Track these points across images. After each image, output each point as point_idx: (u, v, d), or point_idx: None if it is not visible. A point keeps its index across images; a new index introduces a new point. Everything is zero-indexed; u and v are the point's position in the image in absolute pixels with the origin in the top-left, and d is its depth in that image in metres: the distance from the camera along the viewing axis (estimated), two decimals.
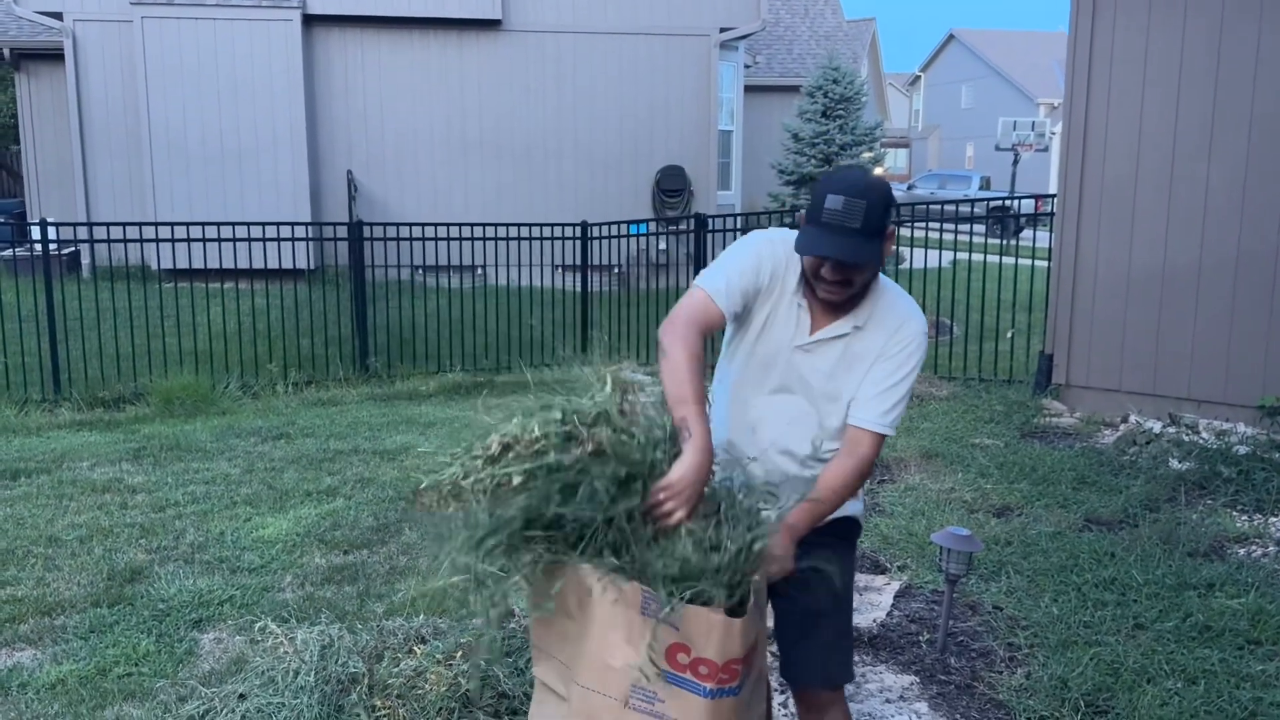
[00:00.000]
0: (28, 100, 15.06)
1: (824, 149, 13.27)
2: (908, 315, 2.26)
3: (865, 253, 2.12)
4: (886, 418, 2.23)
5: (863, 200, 2.10)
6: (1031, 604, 3.84)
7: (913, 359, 2.24)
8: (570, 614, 1.98)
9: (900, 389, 2.24)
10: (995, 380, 7.82)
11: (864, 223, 2.10)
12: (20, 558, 4.46)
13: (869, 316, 2.25)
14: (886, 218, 2.16)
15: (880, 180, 2.19)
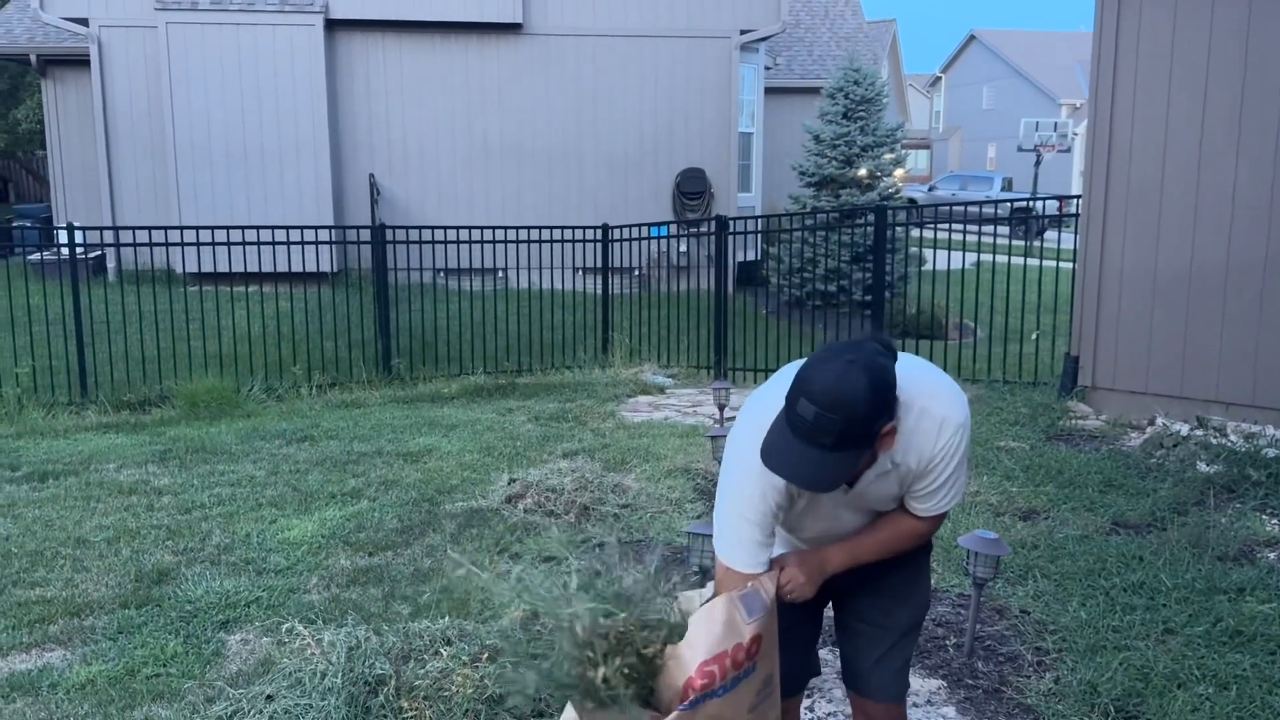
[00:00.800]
0: (54, 105, 15.22)
1: (845, 150, 13.21)
2: (944, 419, 2.05)
3: (835, 476, 1.92)
4: (944, 502, 2.18)
5: (835, 416, 1.87)
6: (1059, 608, 3.81)
7: (960, 453, 2.10)
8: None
9: (955, 480, 2.15)
10: (1020, 382, 7.77)
11: (836, 441, 1.89)
12: (49, 559, 4.50)
13: (904, 449, 2.07)
14: (873, 425, 1.92)
15: (875, 384, 1.90)
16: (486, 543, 4.58)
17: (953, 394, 2.10)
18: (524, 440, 6.52)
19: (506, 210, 13.71)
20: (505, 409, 7.64)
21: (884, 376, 1.93)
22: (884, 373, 1.93)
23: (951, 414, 2.07)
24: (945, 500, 2.17)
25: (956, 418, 2.07)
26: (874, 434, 1.93)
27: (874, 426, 1.92)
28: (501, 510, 4.98)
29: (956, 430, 2.07)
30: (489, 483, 5.46)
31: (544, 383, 8.75)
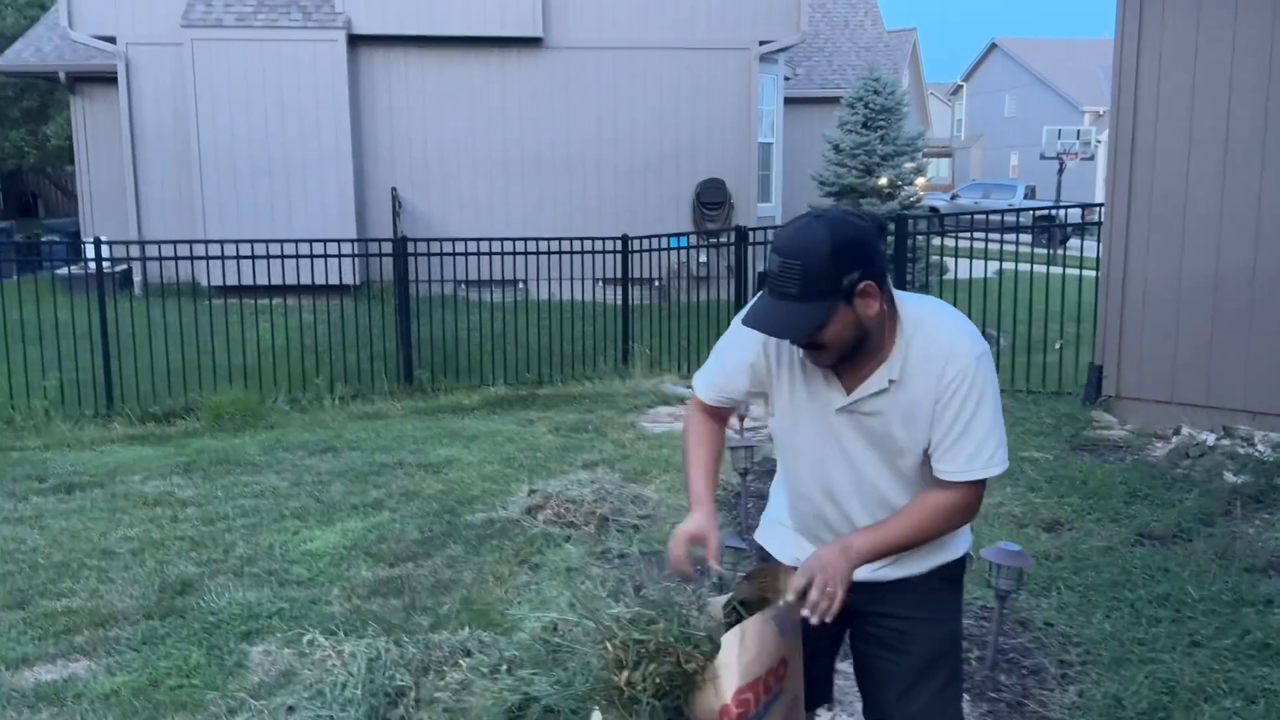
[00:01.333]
0: (82, 122, 15.43)
1: (865, 159, 13.19)
2: (951, 349, 1.96)
3: (802, 324, 1.88)
4: (974, 463, 1.98)
5: (796, 261, 1.86)
6: (1083, 620, 3.78)
7: (975, 391, 1.94)
8: None
9: (977, 428, 1.96)
10: (1044, 392, 7.71)
11: (801, 288, 1.86)
12: (75, 570, 4.54)
13: (902, 366, 1.98)
14: (840, 276, 1.86)
15: (834, 225, 1.89)
16: (506, 554, 4.58)
17: (965, 328, 2.00)
18: (544, 451, 6.53)
19: (527, 222, 13.76)
20: (526, 420, 7.65)
21: (848, 227, 1.90)
22: (848, 224, 1.90)
23: (962, 347, 1.96)
24: (972, 459, 1.96)
25: (968, 352, 1.95)
26: (842, 286, 1.87)
27: (841, 276, 1.86)
28: (522, 521, 4.99)
29: (969, 364, 1.94)
30: (509, 494, 5.47)
31: (564, 393, 8.76)
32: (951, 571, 2.21)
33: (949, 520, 2.04)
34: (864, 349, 1.97)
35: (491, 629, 3.62)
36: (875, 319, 1.93)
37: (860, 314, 1.91)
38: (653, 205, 14.33)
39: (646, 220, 13.47)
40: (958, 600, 2.26)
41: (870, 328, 1.93)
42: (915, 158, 13.67)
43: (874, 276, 1.90)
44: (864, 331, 1.93)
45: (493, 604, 4.00)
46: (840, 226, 1.89)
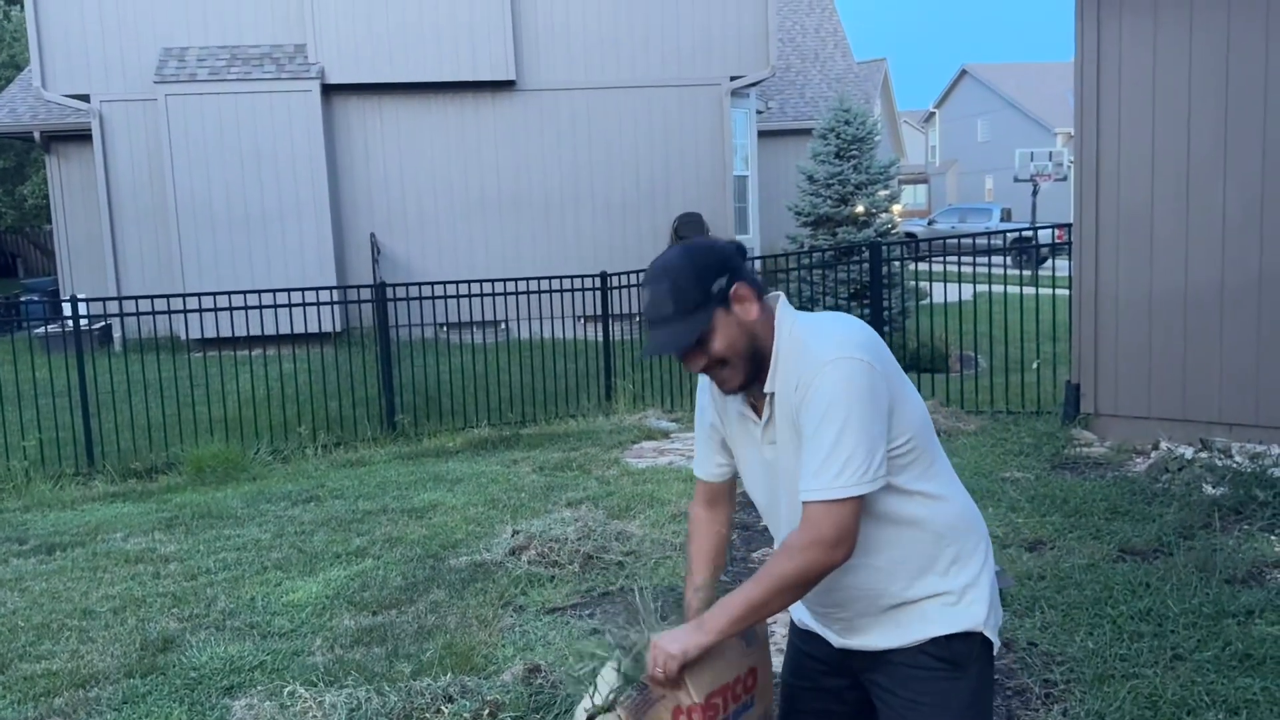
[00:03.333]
0: (58, 180, 15.45)
1: (839, 189, 13.32)
2: (807, 354, 1.87)
3: (683, 336, 1.88)
4: (814, 481, 1.81)
5: (662, 284, 1.88)
6: (1066, 639, 3.78)
7: (820, 400, 1.81)
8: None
9: (820, 443, 1.80)
10: (1024, 412, 7.75)
11: (675, 306, 1.88)
12: (55, 631, 4.49)
13: (774, 375, 1.92)
14: (707, 284, 1.87)
15: (689, 248, 1.92)
16: (490, 597, 4.56)
17: (833, 334, 1.88)
18: (528, 491, 6.52)
19: (506, 262, 13.82)
20: (510, 460, 7.64)
21: (702, 244, 1.93)
22: (703, 243, 1.94)
23: (817, 350, 1.85)
24: (813, 477, 1.81)
25: (820, 355, 1.83)
26: (713, 293, 1.87)
27: (709, 284, 1.87)
28: (505, 563, 4.97)
29: (816, 369, 1.82)
30: (493, 535, 5.45)
31: (548, 432, 8.76)
32: (945, 650, 1.93)
33: (797, 561, 1.82)
34: (762, 363, 1.92)
35: (474, 673, 3.60)
36: (759, 323, 1.91)
37: (741, 318, 1.90)
38: (631, 241, 14.41)
39: (626, 256, 13.54)
40: (960, 689, 1.94)
41: (759, 333, 1.91)
42: (889, 185, 13.81)
43: (744, 278, 1.91)
44: (753, 337, 1.91)
45: (476, 648, 3.98)
46: (694, 245, 1.94)
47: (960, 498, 2.01)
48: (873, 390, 1.82)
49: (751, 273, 1.95)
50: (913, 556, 1.94)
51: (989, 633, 1.96)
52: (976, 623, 1.94)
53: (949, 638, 1.92)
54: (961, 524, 1.98)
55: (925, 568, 1.94)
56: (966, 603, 1.94)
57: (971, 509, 2.04)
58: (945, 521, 1.95)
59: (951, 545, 1.95)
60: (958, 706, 1.93)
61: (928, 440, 1.95)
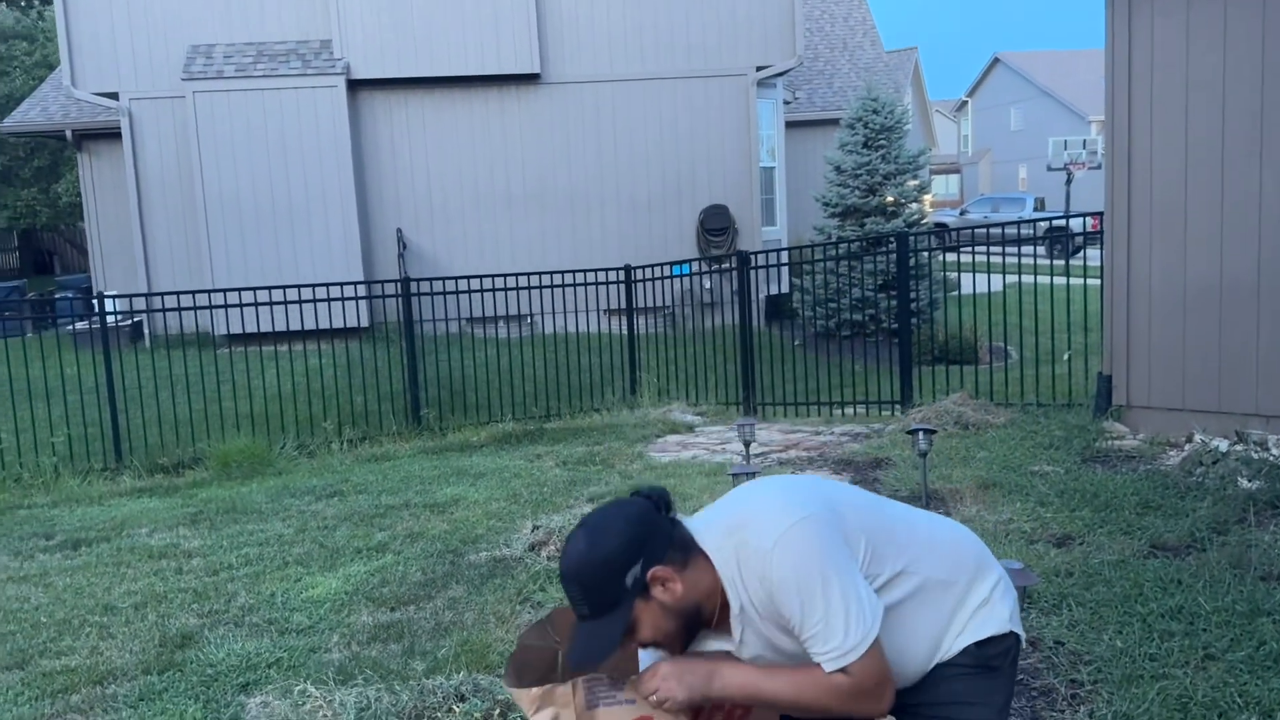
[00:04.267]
0: (89, 178, 15.61)
1: (867, 179, 13.15)
2: (751, 553, 1.82)
3: (603, 642, 1.81)
4: (829, 648, 1.79)
5: (572, 587, 1.83)
6: (1094, 637, 3.68)
7: (788, 584, 1.78)
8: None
9: (813, 616, 1.78)
10: (1054, 404, 7.62)
11: (590, 608, 1.82)
12: (76, 627, 4.51)
13: (740, 597, 1.86)
14: (617, 580, 1.80)
15: (593, 539, 1.83)
16: (508, 593, 4.53)
17: (758, 518, 1.84)
18: (551, 486, 6.48)
19: (532, 257, 13.80)
20: (533, 455, 7.61)
21: (606, 527, 1.84)
22: (607, 522, 1.84)
23: (755, 542, 1.80)
24: (821, 653, 1.79)
25: (761, 544, 1.79)
26: (627, 587, 1.80)
27: (620, 580, 1.79)
28: (525, 558, 4.94)
29: (764, 561, 1.79)
30: (514, 530, 5.43)
31: (572, 426, 8.72)
32: (974, 656, 1.96)
33: (839, 703, 1.82)
34: (703, 618, 1.87)
35: (488, 671, 3.57)
36: (688, 595, 1.84)
37: (665, 601, 1.83)
38: (657, 234, 14.34)
39: (651, 249, 13.48)
40: (998, 689, 1.99)
41: (688, 603, 1.84)
42: (919, 175, 13.63)
43: (658, 559, 1.82)
44: (683, 611, 1.84)
45: (492, 645, 3.94)
46: (597, 529, 1.84)
47: (934, 543, 2.00)
48: (828, 539, 1.80)
49: (667, 537, 1.85)
50: (927, 627, 1.94)
51: (1016, 628, 2.00)
52: (1003, 624, 1.98)
53: (979, 644, 1.96)
54: (952, 558, 1.99)
55: (947, 621, 1.95)
56: (989, 608, 1.98)
57: (950, 539, 2.04)
58: (934, 576, 1.94)
59: (954, 588, 1.96)
60: (997, 703, 1.98)
61: (876, 531, 1.92)
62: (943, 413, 7.25)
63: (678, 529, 1.87)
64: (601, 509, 1.91)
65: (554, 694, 1.84)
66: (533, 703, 1.85)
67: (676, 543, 1.84)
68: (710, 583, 1.84)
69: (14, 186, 24.70)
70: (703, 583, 1.84)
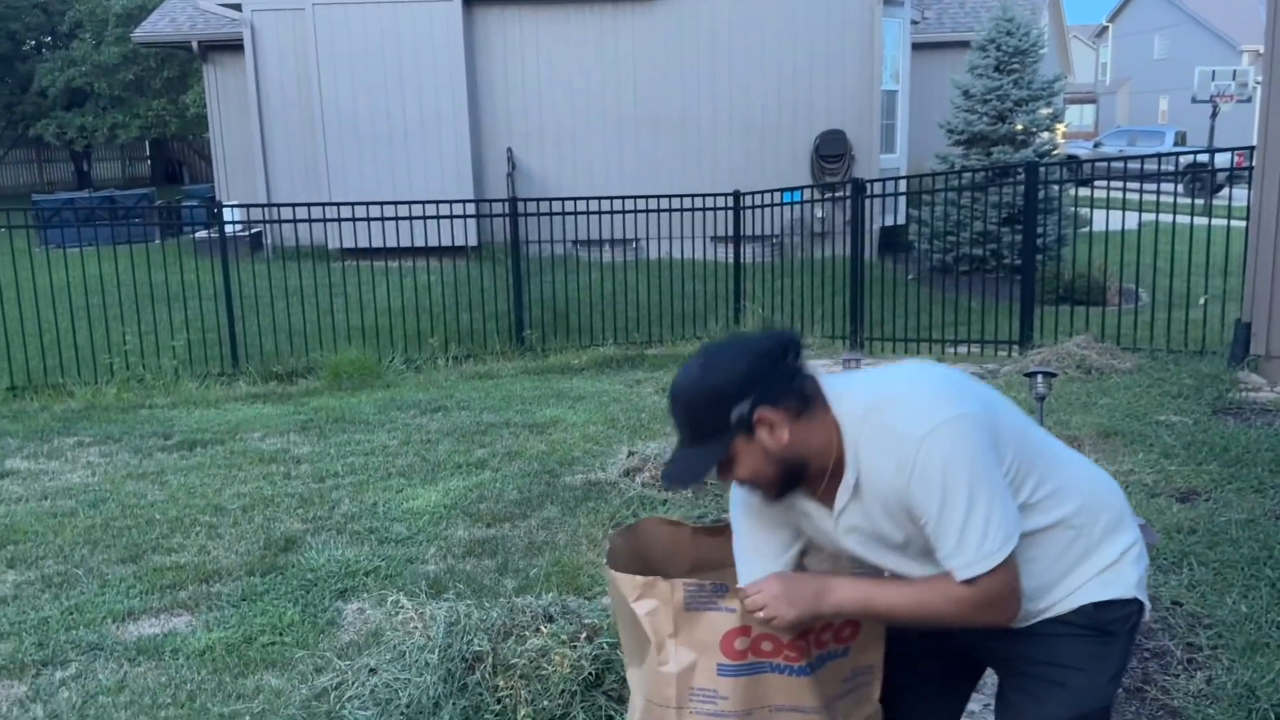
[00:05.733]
0: (214, 89, 15.97)
1: (997, 105, 12.49)
2: (896, 438, 1.70)
3: (695, 468, 1.76)
4: (957, 559, 1.70)
5: (677, 409, 1.77)
6: (1216, 600, 3.46)
7: (931, 479, 1.66)
8: (628, 624, 1.89)
9: (949, 522, 1.68)
10: (1185, 351, 7.20)
11: (690, 433, 1.77)
12: (186, 526, 4.68)
13: (858, 473, 1.76)
14: (725, 411, 1.72)
15: (707, 366, 1.76)
16: (601, 517, 4.51)
17: (914, 402, 1.72)
18: (649, 412, 6.43)
19: (640, 180, 13.60)
20: (633, 380, 7.57)
21: (725, 356, 1.75)
22: (727, 353, 1.76)
23: (906, 429, 1.69)
24: (953, 555, 1.70)
25: (912, 432, 1.68)
26: (730, 422, 1.71)
27: (726, 411, 1.71)
28: (619, 483, 4.91)
29: (913, 451, 1.67)
30: (609, 455, 5.40)
31: (674, 353, 8.65)
32: (1092, 618, 1.83)
33: (961, 612, 1.73)
34: (807, 474, 1.77)
35: (577, 594, 3.56)
36: (794, 446, 1.74)
37: (767, 445, 1.73)
38: (769, 160, 13.97)
39: (763, 176, 13.14)
40: (1107, 653, 1.84)
41: (791, 455, 1.74)
42: (1052, 103, 12.88)
43: (770, 402, 1.72)
44: (785, 461, 1.74)
45: (582, 567, 3.94)
46: (715, 358, 1.76)
47: (1079, 480, 1.87)
48: (980, 442, 1.69)
49: (787, 382, 1.75)
50: (1047, 569, 1.82)
51: (1142, 596, 1.87)
52: (1128, 589, 1.85)
53: (1097, 605, 1.84)
54: (1094, 503, 1.86)
55: (1070, 568, 1.83)
56: (1117, 570, 1.85)
57: (1095, 482, 1.91)
58: (1069, 517, 1.82)
59: (1086, 536, 1.84)
60: (1108, 670, 1.84)
61: (1026, 446, 1.80)
62: (1064, 355, 6.92)
63: (804, 379, 1.77)
64: (726, 339, 1.82)
65: (656, 587, 1.81)
66: (635, 589, 1.82)
67: (796, 391, 1.75)
68: (823, 443, 1.75)
69: (145, 96, 25.52)
70: (814, 441, 1.75)
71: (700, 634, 1.78)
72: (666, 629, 1.80)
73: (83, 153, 29.77)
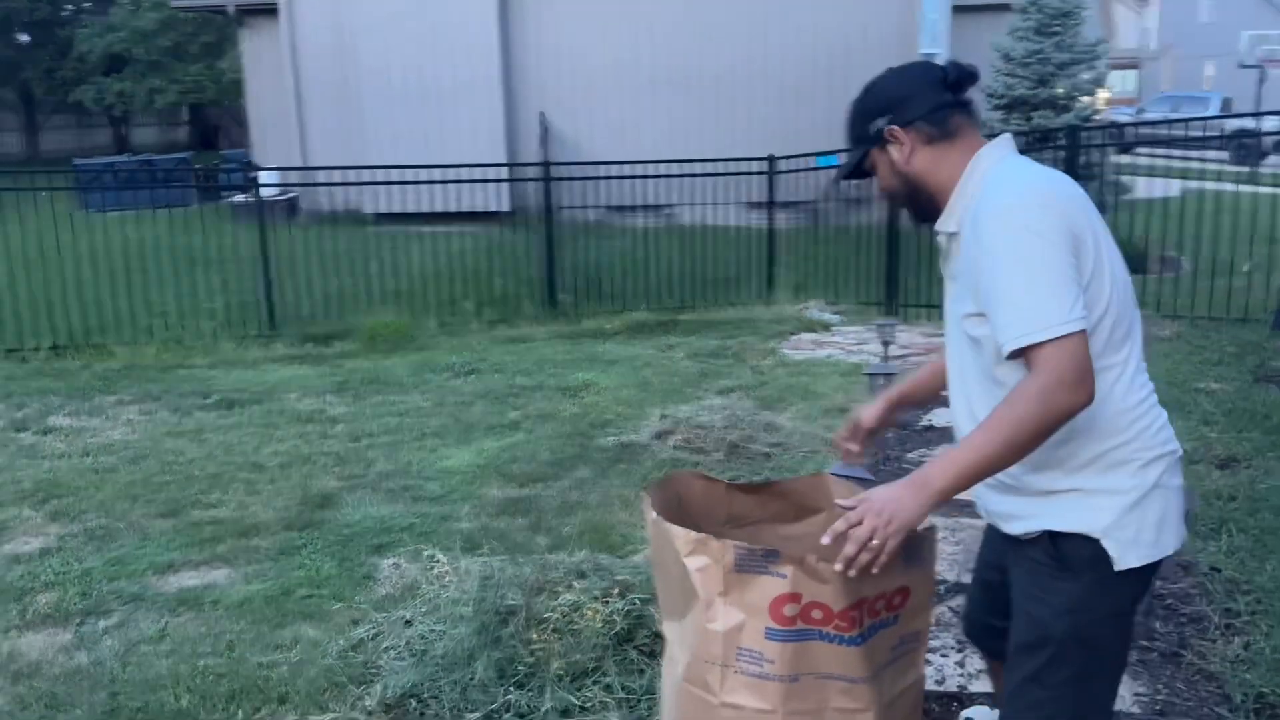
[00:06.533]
0: (250, 54, 16.01)
1: (1038, 69, 12.26)
2: (996, 198, 1.74)
3: (845, 164, 1.99)
4: (1026, 325, 1.63)
5: (848, 112, 1.97)
6: (1256, 566, 3.42)
7: (999, 241, 1.68)
8: (674, 577, 1.88)
9: (999, 292, 1.67)
10: (1228, 319, 7.08)
11: (848, 135, 1.97)
12: (226, 482, 4.75)
13: (949, 215, 1.86)
14: (866, 122, 1.91)
15: (872, 82, 1.94)
16: (633, 478, 4.53)
17: (1014, 179, 1.76)
18: (681, 376, 6.43)
19: (674, 144, 13.49)
20: (665, 345, 7.57)
21: (882, 78, 1.93)
22: (885, 75, 1.93)
23: (991, 196, 1.74)
24: (1004, 328, 1.66)
25: (993, 201, 1.73)
26: (869, 132, 1.90)
27: (867, 123, 1.90)
28: (651, 446, 4.92)
29: (986, 217, 1.72)
30: (642, 418, 5.41)
31: (706, 319, 8.62)
32: (1052, 548, 1.79)
33: (1039, 405, 1.63)
34: (932, 203, 1.89)
35: (609, 552, 3.58)
36: (921, 166, 1.87)
37: (896, 161, 1.89)
38: (805, 124, 13.78)
39: (799, 139, 12.94)
40: (1063, 588, 1.79)
41: (914, 173, 1.88)
42: (1095, 66, 12.64)
43: (904, 122, 1.86)
44: (909, 178, 1.89)
45: (614, 526, 3.96)
46: (875, 81, 1.94)
47: (1143, 401, 1.81)
48: (1058, 231, 1.68)
49: (935, 109, 1.85)
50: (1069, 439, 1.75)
51: (1109, 545, 1.76)
52: (1091, 528, 1.76)
53: (1055, 536, 1.79)
54: (1132, 425, 1.78)
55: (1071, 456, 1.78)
56: (1089, 506, 1.77)
57: (1153, 417, 1.82)
58: (1109, 415, 1.76)
59: (1103, 442, 1.77)
60: (1055, 605, 1.79)
61: (1121, 322, 1.77)
62: None
63: (952, 113, 1.86)
64: (907, 64, 1.98)
65: (708, 545, 1.81)
66: (688, 544, 1.82)
67: (940, 119, 1.85)
68: (950, 172, 1.85)
69: (183, 62, 25.67)
70: (944, 168, 1.85)
71: (750, 596, 1.77)
72: (716, 587, 1.79)
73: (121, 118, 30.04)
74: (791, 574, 1.74)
